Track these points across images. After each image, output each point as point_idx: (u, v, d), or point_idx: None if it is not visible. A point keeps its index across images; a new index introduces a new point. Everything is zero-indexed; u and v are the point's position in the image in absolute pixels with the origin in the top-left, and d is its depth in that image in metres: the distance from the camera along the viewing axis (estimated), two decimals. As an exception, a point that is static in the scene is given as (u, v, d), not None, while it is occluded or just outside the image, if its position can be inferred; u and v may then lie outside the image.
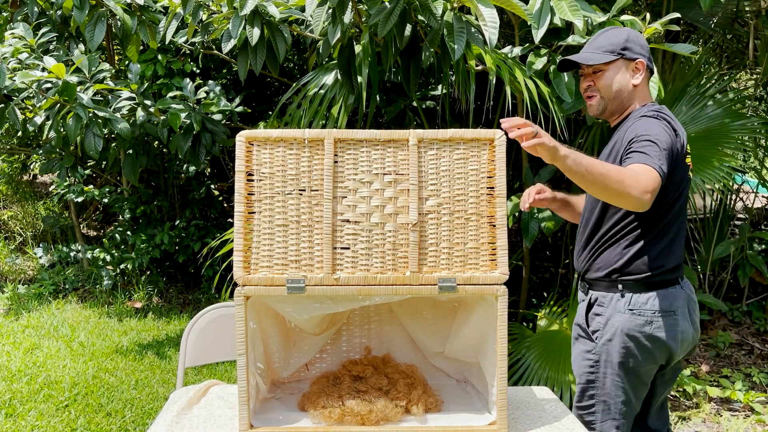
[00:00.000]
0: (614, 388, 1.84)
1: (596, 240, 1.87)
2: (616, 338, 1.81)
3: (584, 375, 1.90)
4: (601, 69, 1.85)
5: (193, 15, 3.03)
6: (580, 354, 1.91)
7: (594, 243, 1.87)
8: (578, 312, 1.95)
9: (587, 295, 1.92)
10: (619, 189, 1.54)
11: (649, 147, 1.66)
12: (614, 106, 1.87)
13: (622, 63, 1.84)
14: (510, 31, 3.61)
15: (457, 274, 1.49)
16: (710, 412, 3.15)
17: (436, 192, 1.51)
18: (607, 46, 1.85)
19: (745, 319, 4.12)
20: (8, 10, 4.05)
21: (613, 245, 1.83)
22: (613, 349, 1.82)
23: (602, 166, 1.55)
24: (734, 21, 3.86)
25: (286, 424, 1.53)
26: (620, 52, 1.83)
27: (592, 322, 1.88)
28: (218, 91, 3.98)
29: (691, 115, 3.39)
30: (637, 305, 1.80)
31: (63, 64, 3.32)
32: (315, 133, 1.49)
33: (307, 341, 1.79)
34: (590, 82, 1.88)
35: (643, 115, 1.80)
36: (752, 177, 4.56)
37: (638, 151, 1.67)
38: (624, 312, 1.80)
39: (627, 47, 1.84)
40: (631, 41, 1.85)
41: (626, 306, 1.80)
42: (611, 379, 1.84)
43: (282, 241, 1.49)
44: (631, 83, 1.85)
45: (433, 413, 1.60)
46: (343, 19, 2.58)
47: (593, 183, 1.54)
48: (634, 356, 1.81)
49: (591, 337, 1.88)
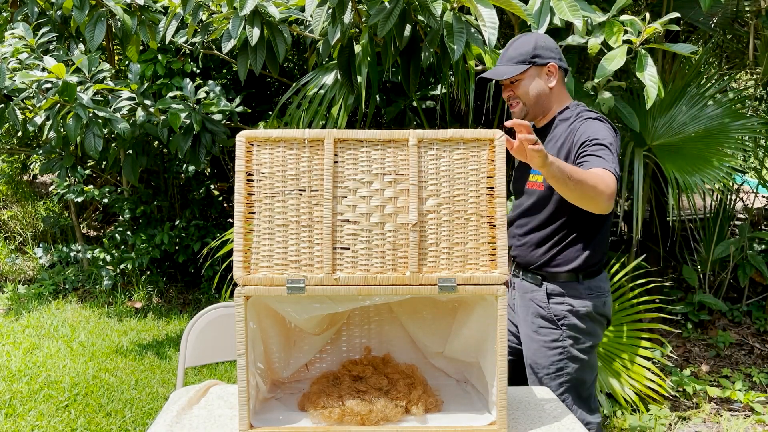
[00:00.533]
0: (585, 370, 1.99)
1: (557, 239, 1.98)
2: (584, 321, 1.96)
3: (554, 364, 1.98)
4: (518, 79, 1.96)
5: (193, 15, 3.03)
6: (546, 344, 1.99)
7: (554, 241, 1.98)
8: (527, 305, 2.05)
9: (541, 286, 2.01)
10: (593, 194, 1.68)
11: (603, 151, 1.79)
12: (536, 111, 2.00)
13: (535, 70, 1.96)
14: (510, 31, 3.61)
15: (457, 274, 1.49)
16: (710, 412, 3.15)
17: (436, 192, 1.51)
18: (517, 57, 1.95)
19: (745, 319, 4.12)
20: (8, 10, 4.05)
21: (573, 243, 1.97)
22: (582, 332, 1.97)
23: (579, 173, 1.66)
24: (734, 21, 3.86)
25: (286, 424, 1.53)
26: (531, 61, 1.94)
27: (555, 310, 1.98)
28: (218, 91, 3.98)
29: (691, 115, 3.39)
30: (594, 289, 1.99)
31: (63, 64, 3.32)
32: (315, 133, 1.49)
33: (307, 341, 1.79)
34: (510, 92, 1.99)
35: (587, 117, 1.91)
36: (752, 177, 4.56)
37: (594, 155, 1.79)
38: (586, 297, 1.97)
39: (536, 54, 1.94)
40: (540, 47, 1.95)
41: (587, 291, 1.98)
42: (582, 361, 1.97)
43: (282, 241, 1.49)
44: (547, 87, 1.97)
45: (433, 413, 1.60)
46: (342, 20, 2.58)
47: (573, 189, 1.66)
48: (597, 335, 2.00)
49: (557, 325, 1.98)
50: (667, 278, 4.21)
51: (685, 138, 3.32)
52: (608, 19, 2.55)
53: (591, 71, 3.74)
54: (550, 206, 1.98)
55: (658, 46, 2.60)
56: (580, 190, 1.66)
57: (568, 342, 1.97)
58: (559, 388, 1.98)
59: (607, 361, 3.02)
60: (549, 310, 1.99)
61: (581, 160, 1.82)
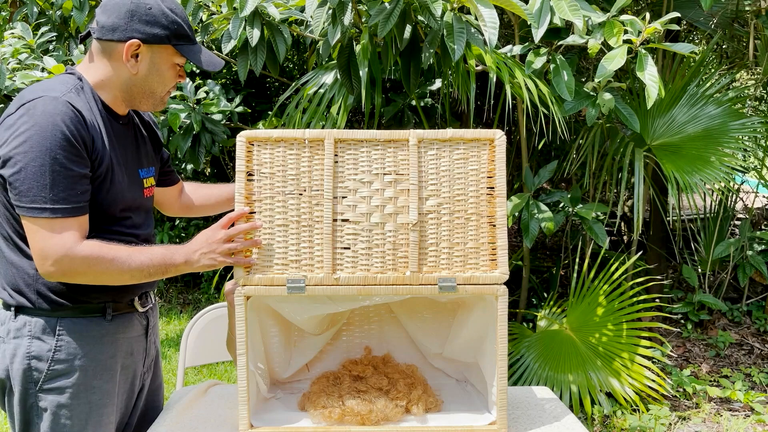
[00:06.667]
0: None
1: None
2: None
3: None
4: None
5: (193, 15, 3.03)
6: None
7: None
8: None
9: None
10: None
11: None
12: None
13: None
14: (510, 30, 3.61)
15: (457, 274, 1.49)
16: (710, 412, 3.15)
17: (436, 192, 1.51)
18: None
19: (745, 319, 4.12)
20: (8, 10, 4.05)
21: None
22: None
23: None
24: (734, 21, 3.85)
25: (286, 424, 1.53)
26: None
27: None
28: (218, 91, 3.97)
29: (691, 115, 3.39)
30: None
31: (63, 64, 3.32)
32: (315, 134, 1.49)
33: (307, 341, 1.79)
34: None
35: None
36: (752, 177, 4.56)
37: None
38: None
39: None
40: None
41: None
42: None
43: (282, 241, 1.49)
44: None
45: (433, 413, 1.60)
46: (343, 20, 2.58)
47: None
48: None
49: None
50: (667, 278, 4.21)
51: (685, 138, 3.32)
52: (608, 19, 2.55)
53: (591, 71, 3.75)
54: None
55: (658, 46, 2.60)
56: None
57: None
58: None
59: (607, 361, 3.02)
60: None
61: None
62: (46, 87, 1.43)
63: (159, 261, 1.44)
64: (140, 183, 1.60)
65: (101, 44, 1.49)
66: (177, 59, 1.52)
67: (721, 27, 3.85)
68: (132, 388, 1.62)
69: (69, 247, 1.36)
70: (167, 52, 1.50)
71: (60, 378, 1.46)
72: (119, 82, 1.51)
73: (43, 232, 1.36)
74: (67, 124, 1.36)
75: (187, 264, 1.46)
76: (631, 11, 3.36)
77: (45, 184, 1.34)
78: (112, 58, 1.48)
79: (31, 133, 1.35)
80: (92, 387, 1.49)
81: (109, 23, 1.46)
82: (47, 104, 1.37)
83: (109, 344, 1.52)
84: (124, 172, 1.53)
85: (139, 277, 1.43)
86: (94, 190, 1.44)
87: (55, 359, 1.45)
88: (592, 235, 3.08)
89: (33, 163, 1.34)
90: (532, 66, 2.71)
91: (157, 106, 1.57)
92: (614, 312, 3.11)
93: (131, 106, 1.57)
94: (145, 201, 1.62)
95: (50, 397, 1.45)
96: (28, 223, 1.37)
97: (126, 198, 1.52)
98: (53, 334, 1.45)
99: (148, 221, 1.64)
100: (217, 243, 1.46)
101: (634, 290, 3.12)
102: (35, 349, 1.45)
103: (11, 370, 1.46)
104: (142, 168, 1.62)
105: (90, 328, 1.49)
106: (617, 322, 3.09)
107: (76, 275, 1.40)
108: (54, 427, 1.46)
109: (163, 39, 1.47)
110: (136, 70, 1.49)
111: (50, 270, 1.37)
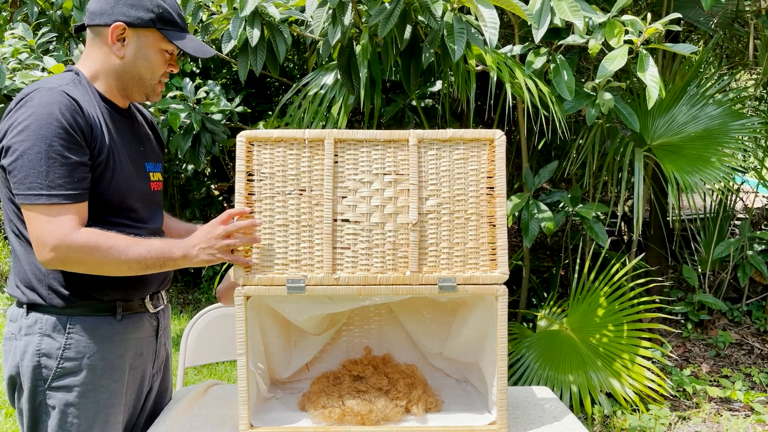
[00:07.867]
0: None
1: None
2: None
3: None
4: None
5: (193, 15, 3.03)
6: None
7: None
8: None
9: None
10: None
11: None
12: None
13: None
14: (510, 30, 3.61)
15: (457, 273, 1.49)
16: (710, 412, 3.15)
17: (436, 192, 1.51)
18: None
19: (745, 319, 4.12)
20: (8, 10, 4.05)
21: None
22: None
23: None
24: (734, 21, 3.86)
25: (286, 424, 1.53)
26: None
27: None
28: (218, 91, 3.97)
29: (691, 115, 3.39)
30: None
31: (63, 64, 3.32)
32: (315, 134, 1.49)
33: (307, 341, 1.79)
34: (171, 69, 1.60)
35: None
36: (752, 177, 4.56)
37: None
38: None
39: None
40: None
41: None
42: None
43: (282, 241, 1.49)
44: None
45: (433, 413, 1.60)
46: (343, 20, 2.58)
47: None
48: None
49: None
50: (667, 278, 4.21)
51: (685, 138, 3.32)
52: (609, 20, 2.55)
53: (591, 71, 3.75)
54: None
55: (658, 47, 2.60)
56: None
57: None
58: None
59: (607, 361, 3.02)
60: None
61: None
62: (43, 81, 1.45)
63: (157, 253, 1.44)
64: (147, 176, 1.60)
65: (92, 31, 1.51)
66: (164, 45, 1.53)
67: (721, 27, 3.85)
68: (141, 389, 1.61)
69: (66, 233, 1.36)
70: (154, 36, 1.51)
71: (68, 376, 1.45)
72: (111, 70, 1.52)
73: (41, 218, 1.36)
74: (63, 112, 1.37)
75: (185, 258, 1.46)
76: (630, 11, 3.36)
77: (42, 171, 1.35)
78: (101, 44, 1.51)
79: (28, 122, 1.36)
80: (100, 386, 1.48)
81: (98, 9, 1.49)
82: (43, 95, 1.39)
83: (119, 344, 1.52)
84: (128, 162, 1.53)
85: (136, 268, 1.43)
86: (96, 179, 1.44)
87: (64, 357, 1.45)
88: (593, 234, 3.08)
89: (30, 151, 1.35)
90: (532, 66, 2.71)
91: (150, 96, 1.57)
92: (615, 313, 3.11)
93: (125, 96, 1.57)
94: (153, 194, 1.62)
95: (59, 395, 1.45)
96: (27, 211, 1.38)
97: (131, 189, 1.52)
98: (63, 332, 1.45)
99: (156, 216, 1.63)
100: (215, 238, 1.45)
101: (635, 291, 3.12)
102: (45, 347, 1.45)
103: (21, 366, 1.46)
104: (148, 162, 1.62)
105: (100, 327, 1.49)
106: (618, 322, 3.09)
107: (74, 263, 1.40)
108: (61, 425, 1.46)
109: (148, 23, 1.49)
110: (123, 54, 1.50)
111: (49, 256, 1.37)
